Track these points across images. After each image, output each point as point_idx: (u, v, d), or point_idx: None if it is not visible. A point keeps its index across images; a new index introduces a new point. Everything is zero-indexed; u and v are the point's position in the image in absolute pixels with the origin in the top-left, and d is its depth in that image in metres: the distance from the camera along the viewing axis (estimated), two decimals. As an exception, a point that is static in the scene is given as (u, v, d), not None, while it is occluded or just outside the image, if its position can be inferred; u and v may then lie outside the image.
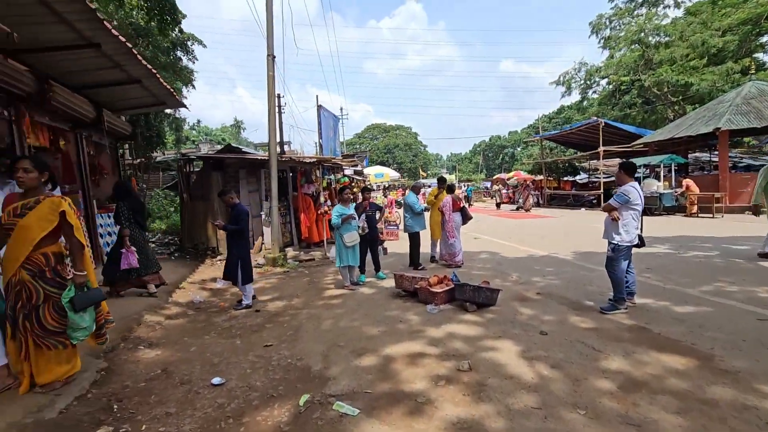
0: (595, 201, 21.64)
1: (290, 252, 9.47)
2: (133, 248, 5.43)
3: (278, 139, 23.32)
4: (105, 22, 4.79)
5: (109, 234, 7.11)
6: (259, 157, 9.67)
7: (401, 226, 8.77)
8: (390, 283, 6.32)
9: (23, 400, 2.79)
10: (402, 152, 65.89)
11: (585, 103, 38.19)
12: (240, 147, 11.11)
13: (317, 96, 10.59)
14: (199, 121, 49.78)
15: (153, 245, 9.74)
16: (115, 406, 2.95)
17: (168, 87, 7.55)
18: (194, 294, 6.21)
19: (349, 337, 4.27)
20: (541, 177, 27.59)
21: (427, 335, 4.22)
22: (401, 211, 8.40)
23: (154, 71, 6.67)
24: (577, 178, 28.18)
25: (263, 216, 9.51)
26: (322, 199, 9.77)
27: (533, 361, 3.47)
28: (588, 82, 33.37)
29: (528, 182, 25.49)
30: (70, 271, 3.14)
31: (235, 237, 5.45)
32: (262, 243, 9.70)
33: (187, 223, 9.89)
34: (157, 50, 21.50)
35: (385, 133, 70.10)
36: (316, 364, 3.66)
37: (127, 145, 18.94)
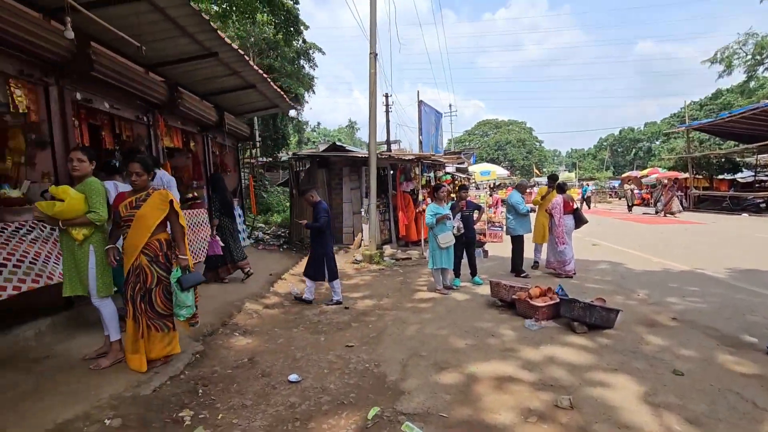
0: (763, 205, 17.37)
1: (387, 250, 9.46)
2: (218, 237, 5.93)
3: (385, 138, 23.88)
4: (218, 32, 5.23)
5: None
6: (360, 155, 9.84)
7: (505, 228, 8.06)
8: (486, 290, 5.78)
9: (127, 374, 3.11)
10: (514, 149, 62.22)
11: (752, 83, 31.04)
12: (344, 145, 11.50)
13: (418, 92, 10.26)
14: (318, 124, 54.17)
15: (266, 236, 10.67)
16: (200, 391, 3.11)
17: (278, 90, 8.11)
18: (293, 285, 6.50)
19: (433, 347, 3.94)
20: (686, 175, 23.19)
21: (522, 356, 3.66)
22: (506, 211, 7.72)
23: (265, 76, 7.18)
24: (738, 176, 22.96)
25: (363, 213, 9.67)
26: (420, 197, 9.55)
27: (660, 410, 2.71)
28: (758, 57, 27.03)
29: (671, 181, 21.58)
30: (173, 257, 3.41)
31: (317, 234, 5.52)
32: (361, 240, 9.87)
33: (295, 217, 10.59)
34: (284, 60, 23.84)
35: (496, 129, 67.04)
36: (393, 373, 3.42)
37: (258, 146, 21.37)
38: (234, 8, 11.61)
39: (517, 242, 6.92)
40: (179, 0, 4.39)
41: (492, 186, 18.39)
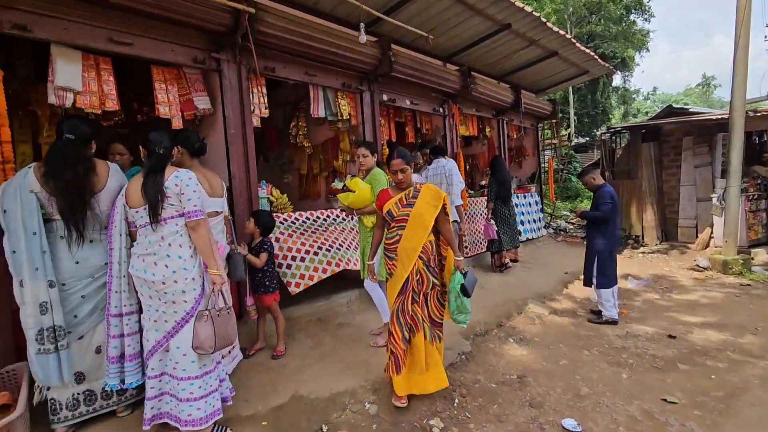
0: None
1: (760, 255, 6.31)
2: (492, 221, 5.70)
3: (765, 91, 16.36)
4: (509, -1, 4.72)
5: (523, 213, 7.37)
6: (714, 117, 6.90)
7: None
8: None
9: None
10: None
11: None
12: (686, 108, 8.47)
13: None
14: (655, 89, 44.10)
15: (570, 226, 9.41)
16: (457, 400, 2.80)
17: (588, 52, 6.78)
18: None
19: None
20: None
21: None
22: None
23: (569, 37, 6.13)
24: None
25: (715, 200, 6.80)
26: (841, 174, 5.71)
27: None
28: None
29: None
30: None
31: (597, 226, 4.25)
32: (711, 238, 7.02)
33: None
34: (609, 22, 20.64)
35: None
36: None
37: (573, 125, 19.56)
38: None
39: None
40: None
41: None
